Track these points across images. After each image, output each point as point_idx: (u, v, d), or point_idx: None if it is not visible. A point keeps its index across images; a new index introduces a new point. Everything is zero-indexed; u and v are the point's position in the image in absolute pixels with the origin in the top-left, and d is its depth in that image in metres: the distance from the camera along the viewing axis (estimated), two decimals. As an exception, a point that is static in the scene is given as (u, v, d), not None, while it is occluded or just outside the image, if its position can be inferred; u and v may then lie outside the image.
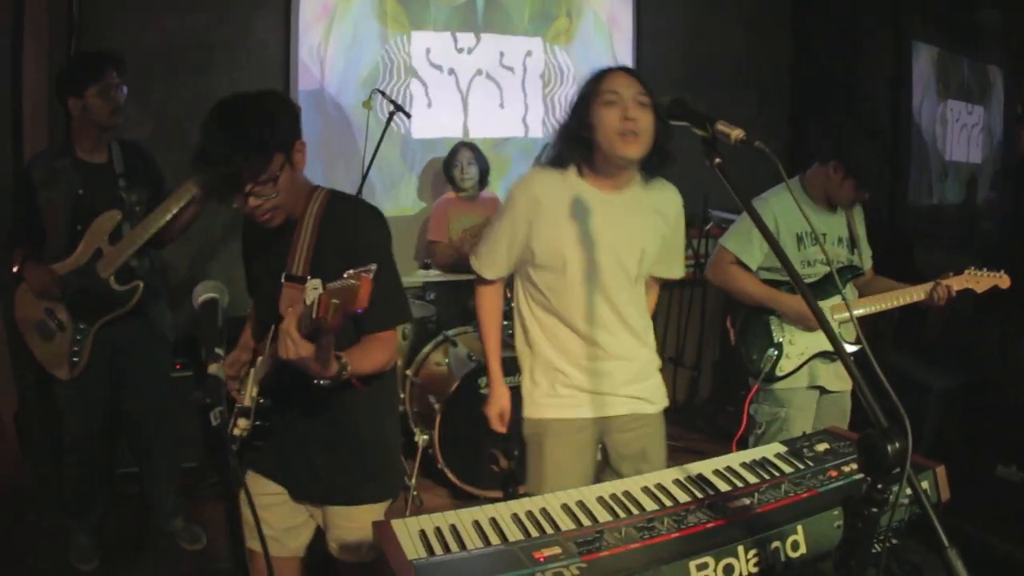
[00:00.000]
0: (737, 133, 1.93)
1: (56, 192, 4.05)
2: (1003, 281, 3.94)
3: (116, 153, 4.19)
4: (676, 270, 3.39)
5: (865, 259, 4.15)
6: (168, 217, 4.04)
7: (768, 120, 6.97)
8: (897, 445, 1.53)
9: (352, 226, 2.78)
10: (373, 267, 2.02)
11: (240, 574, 1.67)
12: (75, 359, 4.11)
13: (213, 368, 1.79)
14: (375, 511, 2.91)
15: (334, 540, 2.94)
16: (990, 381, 5.74)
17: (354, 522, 2.88)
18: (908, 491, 2.01)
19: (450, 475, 5.07)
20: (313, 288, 2.26)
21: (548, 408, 3.17)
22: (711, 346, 6.86)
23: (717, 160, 1.98)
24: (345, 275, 1.99)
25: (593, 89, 2.88)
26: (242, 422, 2.67)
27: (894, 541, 1.97)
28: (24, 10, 5.22)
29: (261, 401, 2.69)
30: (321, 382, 2.40)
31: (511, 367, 3.53)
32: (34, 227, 4.11)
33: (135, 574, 4.48)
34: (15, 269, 4.09)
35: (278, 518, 2.96)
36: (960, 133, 7.22)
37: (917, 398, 5.44)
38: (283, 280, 2.69)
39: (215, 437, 1.66)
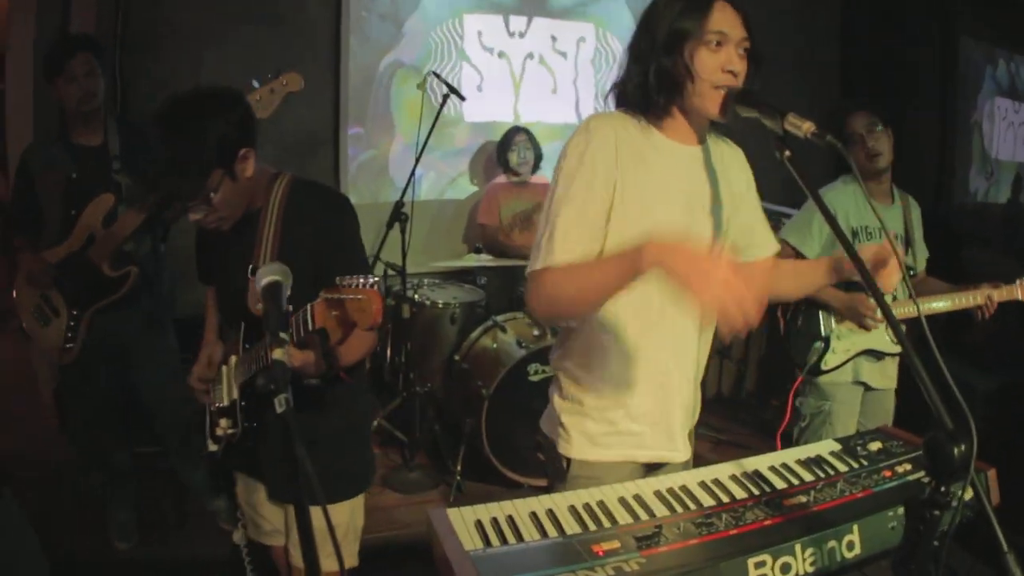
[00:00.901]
0: (808, 126, 1.94)
1: (50, 177, 4.04)
2: None
3: (112, 134, 4.13)
4: (772, 242, 2.80)
5: (919, 259, 4.17)
6: (160, 200, 3.90)
7: (816, 117, 6.94)
8: (963, 447, 1.54)
9: (319, 214, 2.72)
10: (376, 278, 2.03)
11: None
12: (69, 345, 4.10)
13: (278, 353, 1.78)
14: (345, 508, 2.90)
15: (294, 545, 2.92)
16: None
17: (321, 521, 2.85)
18: (964, 493, 2.02)
19: (495, 461, 5.07)
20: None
21: None
22: (758, 340, 6.84)
23: (787, 153, 1.98)
24: (343, 282, 1.98)
25: (695, 23, 2.24)
26: (224, 421, 2.66)
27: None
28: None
29: (243, 404, 2.65)
30: (311, 381, 2.44)
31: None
32: (33, 215, 4.11)
33: (172, 553, 4.54)
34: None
35: (273, 512, 2.99)
36: (1007, 131, 7.16)
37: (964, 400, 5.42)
38: (250, 275, 2.63)
39: (281, 422, 1.66)
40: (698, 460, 2.73)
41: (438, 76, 5.82)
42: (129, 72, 5.64)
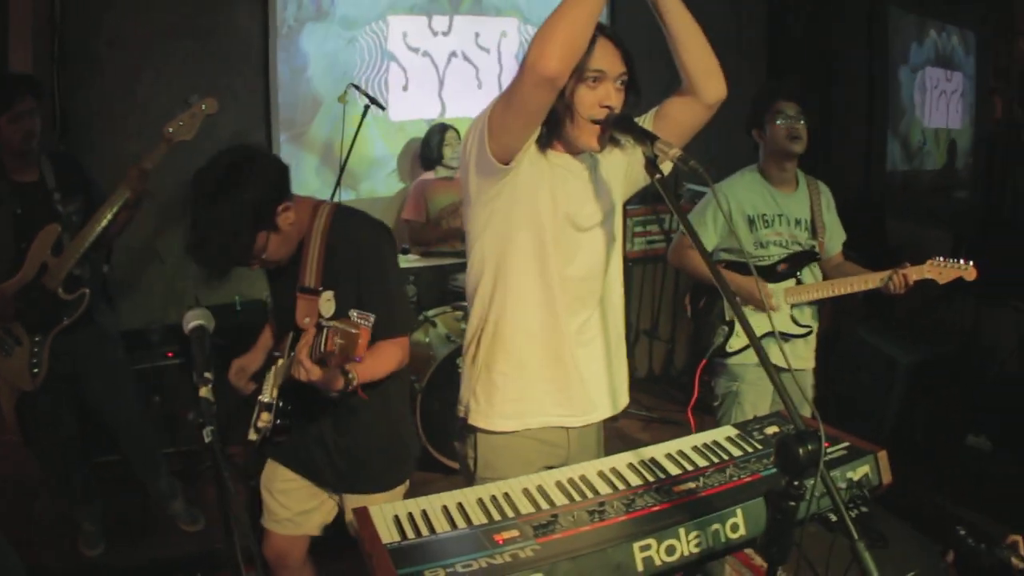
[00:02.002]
0: (674, 152, 2.10)
1: None
2: (968, 273, 3.88)
3: (47, 168, 4.22)
4: None
5: (830, 243, 4.26)
6: (104, 223, 4.08)
7: (745, 89, 7.06)
8: (809, 448, 1.68)
9: (357, 243, 2.97)
10: (372, 318, 2.25)
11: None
12: (35, 370, 4.19)
13: (204, 391, 1.97)
14: (389, 496, 3.18)
15: (350, 524, 3.17)
16: (959, 354, 5.89)
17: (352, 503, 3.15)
18: (852, 475, 2.21)
19: (432, 450, 5.25)
20: (327, 300, 2.83)
21: None
22: (685, 319, 6.96)
23: (657, 176, 2.16)
24: (353, 314, 2.21)
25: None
26: (265, 415, 2.96)
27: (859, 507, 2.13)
28: (9, 10, 5.34)
29: (280, 404, 2.96)
30: (332, 394, 2.71)
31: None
32: None
33: (139, 557, 4.66)
34: None
35: (295, 502, 3.26)
36: (939, 100, 7.32)
37: (886, 372, 5.59)
38: (297, 292, 2.94)
39: (209, 451, 1.85)
40: (627, 439, 2.93)
41: (358, 88, 5.93)
42: (67, 89, 5.69)
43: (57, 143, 5.58)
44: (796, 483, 1.72)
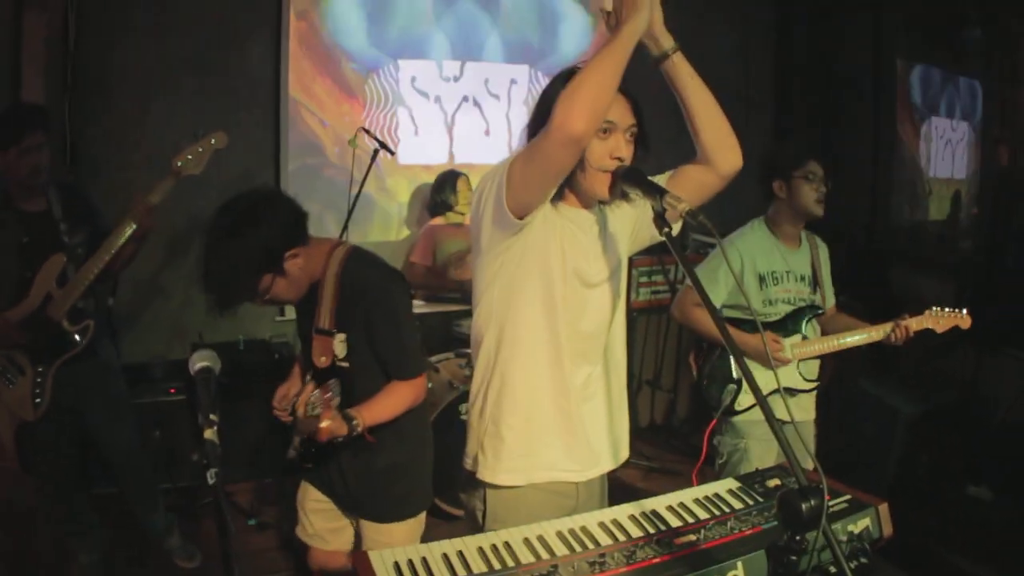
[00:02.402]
0: (683, 206, 2.11)
1: (1, 242, 4.10)
2: (964, 321, 4.00)
3: (54, 198, 4.21)
4: None
5: (827, 298, 4.29)
6: (110, 256, 4.05)
7: (752, 140, 7.08)
8: (812, 503, 1.69)
9: (367, 287, 3.08)
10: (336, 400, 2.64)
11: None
12: (38, 400, 4.16)
13: (208, 434, 1.98)
14: (402, 527, 3.32)
15: (366, 547, 3.29)
16: (958, 405, 5.90)
17: (382, 536, 3.27)
18: (853, 528, 2.22)
19: (435, 497, 5.18)
20: (340, 341, 3.02)
21: None
22: (687, 370, 6.97)
23: (666, 230, 2.18)
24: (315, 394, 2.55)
25: None
26: (296, 441, 3.17)
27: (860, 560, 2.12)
28: (23, 39, 5.37)
29: (301, 446, 3.16)
30: (338, 439, 2.90)
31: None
32: None
33: (135, 590, 4.61)
34: None
35: (321, 520, 3.46)
36: (944, 149, 7.34)
37: (887, 423, 5.59)
38: (313, 332, 3.07)
39: (212, 492, 1.88)
40: (628, 489, 2.93)
41: (368, 132, 5.91)
42: (78, 120, 5.73)
43: (67, 173, 5.59)
44: (798, 537, 1.73)
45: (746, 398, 4.06)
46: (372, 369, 3.13)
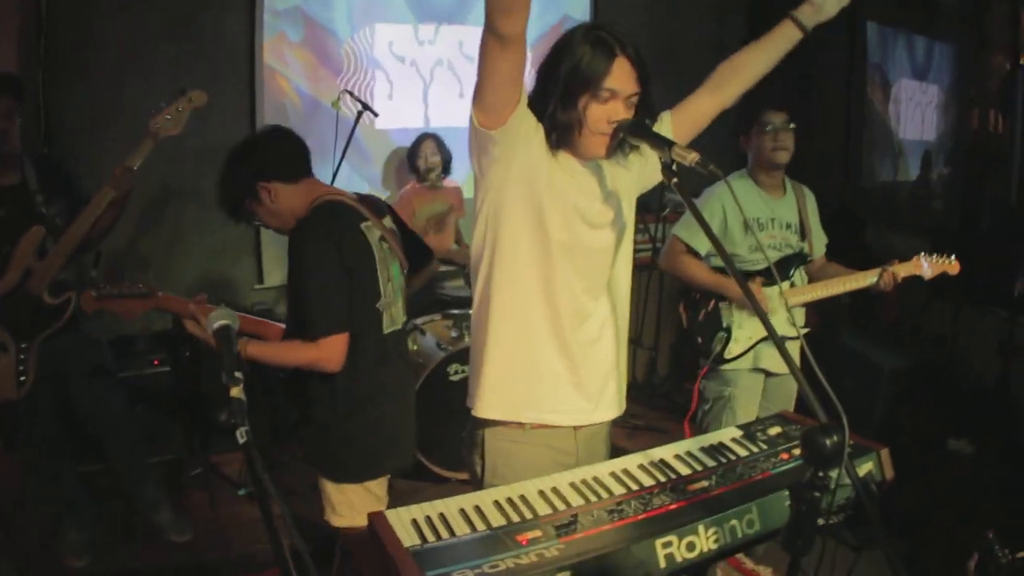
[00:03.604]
0: (693, 157, 2.13)
1: None
2: (952, 267, 4.08)
3: (29, 170, 4.16)
4: None
5: (816, 246, 4.33)
6: (89, 225, 4.00)
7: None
8: (835, 439, 1.72)
9: (292, 238, 3.28)
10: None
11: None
12: (22, 378, 4.12)
13: (235, 391, 1.97)
14: (333, 488, 3.36)
15: (324, 502, 3.44)
16: (940, 359, 5.97)
17: (335, 494, 3.36)
18: (858, 471, 2.25)
19: (423, 459, 5.21)
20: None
21: None
22: (668, 327, 7.04)
23: (675, 181, 2.19)
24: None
25: (594, 79, 2.47)
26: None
27: (838, 513, 2.16)
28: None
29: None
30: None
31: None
32: None
33: (125, 567, 4.61)
34: None
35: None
36: (914, 111, 7.39)
37: (870, 378, 5.65)
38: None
39: (244, 451, 1.86)
40: (614, 448, 2.93)
41: (351, 94, 5.89)
42: (52, 93, 5.69)
43: (42, 147, 5.56)
44: (821, 474, 1.76)
45: (736, 347, 4.12)
46: (294, 319, 3.29)
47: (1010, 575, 2.26)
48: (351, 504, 3.34)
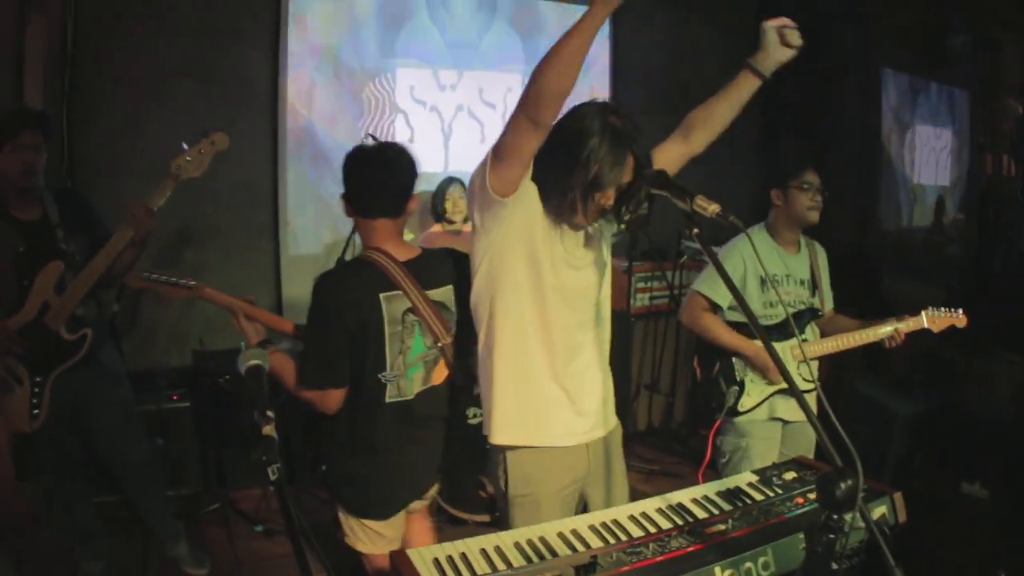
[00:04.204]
0: (714, 208, 2.19)
1: None
2: (959, 321, 4.15)
3: (50, 204, 4.16)
4: None
5: (826, 301, 4.38)
6: (108, 262, 3.99)
7: (739, 149, 7.16)
8: (849, 483, 1.76)
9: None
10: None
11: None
12: (35, 411, 4.10)
13: (267, 429, 2.02)
14: (343, 515, 3.45)
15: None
16: (953, 405, 5.98)
17: (353, 528, 3.44)
18: (871, 515, 2.28)
19: (440, 501, 5.21)
20: None
21: None
22: (685, 373, 7.05)
23: (696, 231, 2.24)
24: None
25: (612, 178, 2.70)
26: None
27: (852, 557, 2.19)
28: (25, 45, 5.38)
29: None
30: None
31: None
32: None
33: (139, 599, 4.63)
34: None
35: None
36: (928, 157, 7.42)
37: (884, 424, 5.67)
38: None
39: (276, 488, 1.91)
40: (631, 492, 3.00)
41: (375, 138, 5.90)
42: (76, 127, 5.72)
43: (65, 181, 5.59)
44: (835, 517, 1.80)
45: (748, 400, 4.15)
46: None
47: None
48: (356, 534, 3.42)
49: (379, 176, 3.20)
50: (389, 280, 3.19)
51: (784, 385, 4.12)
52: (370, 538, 3.40)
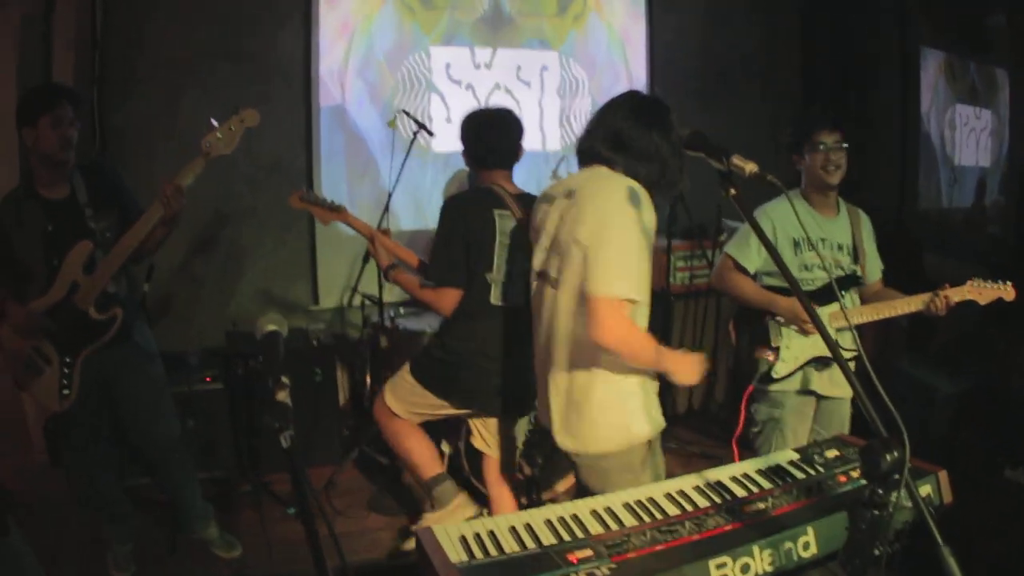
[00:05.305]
0: (751, 167, 2.11)
1: (26, 233, 4.03)
2: (1008, 293, 3.94)
3: (78, 182, 4.14)
4: None
5: (870, 270, 4.25)
6: (138, 241, 3.98)
7: (779, 130, 7.06)
8: (895, 454, 1.68)
9: None
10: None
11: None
12: (65, 391, 4.10)
13: (281, 395, 1.98)
14: (409, 379, 4.28)
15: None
16: (997, 386, 5.85)
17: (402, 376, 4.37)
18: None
19: (475, 483, 5.11)
20: None
21: None
22: (725, 353, 6.96)
23: (732, 192, 2.16)
24: None
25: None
26: None
27: (894, 542, 2.10)
28: (53, 27, 5.39)
29: None
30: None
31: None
32: (12, 267, 4.08)
33: (168, 581, 4.62)
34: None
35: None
36: (968, 137, 7.31)
37: (925, 403, 5.56)
38: None
39: (287, 456, 1.86)
40: (669, 476, 2.91)
41: (408, 114, 5.80)
42: (106, 107, 5.72)
43: (97, 154, 5.59)
44: (881, 492, 1.73)
45: (783, 367, 4.07)
46: None
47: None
48: (406, 389, 4.27)
49: (494, 135, 4.14)
50: (503, 202, 4.05)
51: (819, 353, 4.06)
52: (420, 404, 4.23)
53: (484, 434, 4.38)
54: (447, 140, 6.46)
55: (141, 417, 4.50)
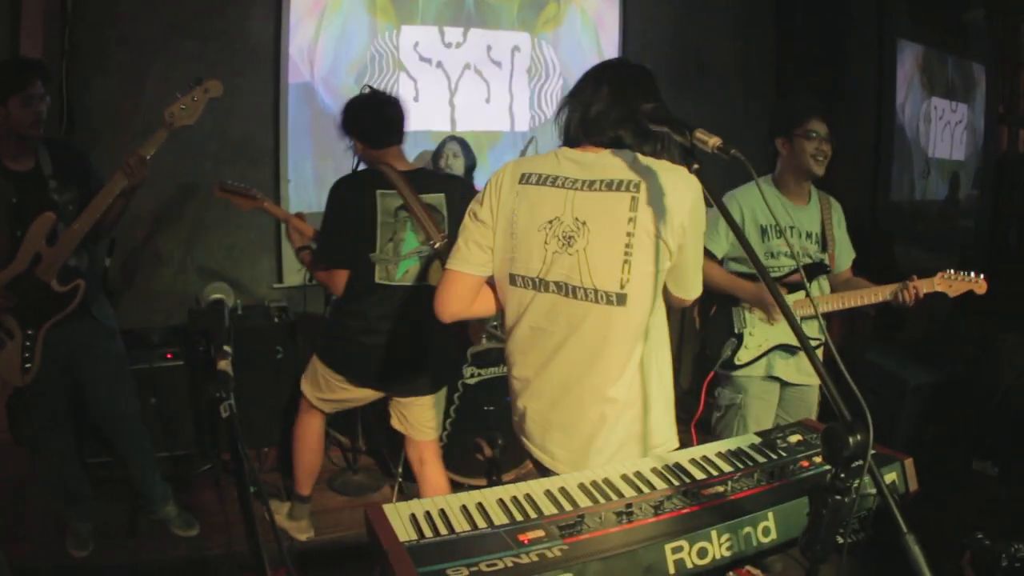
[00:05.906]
0: (715, 141, 2.05)
1: None
2: (980, 287, 3.88)
3: (44, 156, 4.15)
4: None
5: (840, 259, 4.23)
6: (100, 212, 4.01)
7: (753, 116, 7.06)
8: (858, 437, 1.63)
9: None
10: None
11: (259, 564, 1.80)
12: (27, 365, 4.09)
13: (223, 364, 1.94)
14: (314, 361, 4.51)
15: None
16: (966, 378, 5.86)
17: None
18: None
19: (392, 468, 5.18)
20: None
21: None
22: (691, 339, 6.93)
23: (696, 165, 2.10)
24: None
25: None
26: None
27: (858, 531, 2.05)
28: (22, 5, 5.31)
29: None
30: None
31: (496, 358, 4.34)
32: None
33: (128, 560, 4.58)
34: None
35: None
36: (944, 130, 7.33)
37: (894, 394, 5.55)
38: None
39: (226, 425, 1.82)
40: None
41: (371, 87, 5.79)
42: (74, 84, 5.67)
43: (63, 137, 5.53)
44: (843, 475, 1.68)
45: (746, 353, 4.09)
46: None
47: (1007, 569, 2.17)
48: (317, 373, 4.41)
49: (380, 112, 4.21)
50: (387, 181, 4.10)
51: (784, 341, 4.05)
52: (328, 386, 4.37)
53: (400, 414, 4.49)
54: (415, 120, 6.44)
55: (101, 393, 4.49)
